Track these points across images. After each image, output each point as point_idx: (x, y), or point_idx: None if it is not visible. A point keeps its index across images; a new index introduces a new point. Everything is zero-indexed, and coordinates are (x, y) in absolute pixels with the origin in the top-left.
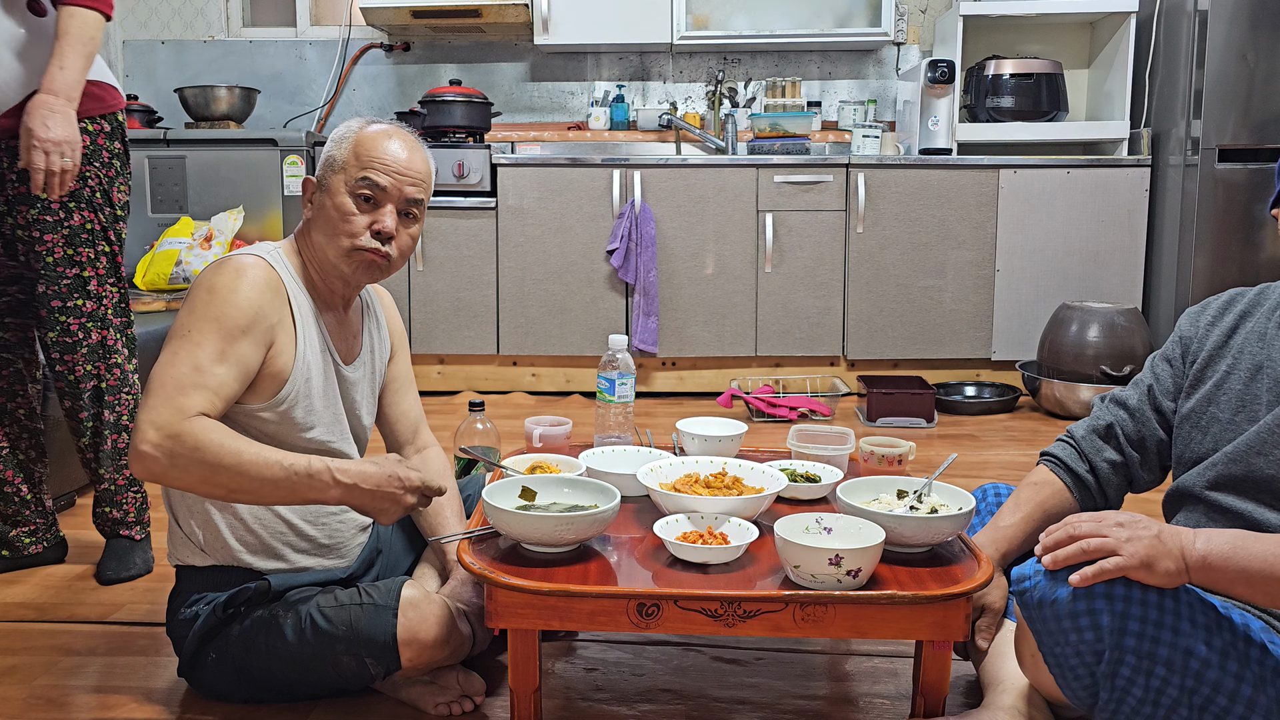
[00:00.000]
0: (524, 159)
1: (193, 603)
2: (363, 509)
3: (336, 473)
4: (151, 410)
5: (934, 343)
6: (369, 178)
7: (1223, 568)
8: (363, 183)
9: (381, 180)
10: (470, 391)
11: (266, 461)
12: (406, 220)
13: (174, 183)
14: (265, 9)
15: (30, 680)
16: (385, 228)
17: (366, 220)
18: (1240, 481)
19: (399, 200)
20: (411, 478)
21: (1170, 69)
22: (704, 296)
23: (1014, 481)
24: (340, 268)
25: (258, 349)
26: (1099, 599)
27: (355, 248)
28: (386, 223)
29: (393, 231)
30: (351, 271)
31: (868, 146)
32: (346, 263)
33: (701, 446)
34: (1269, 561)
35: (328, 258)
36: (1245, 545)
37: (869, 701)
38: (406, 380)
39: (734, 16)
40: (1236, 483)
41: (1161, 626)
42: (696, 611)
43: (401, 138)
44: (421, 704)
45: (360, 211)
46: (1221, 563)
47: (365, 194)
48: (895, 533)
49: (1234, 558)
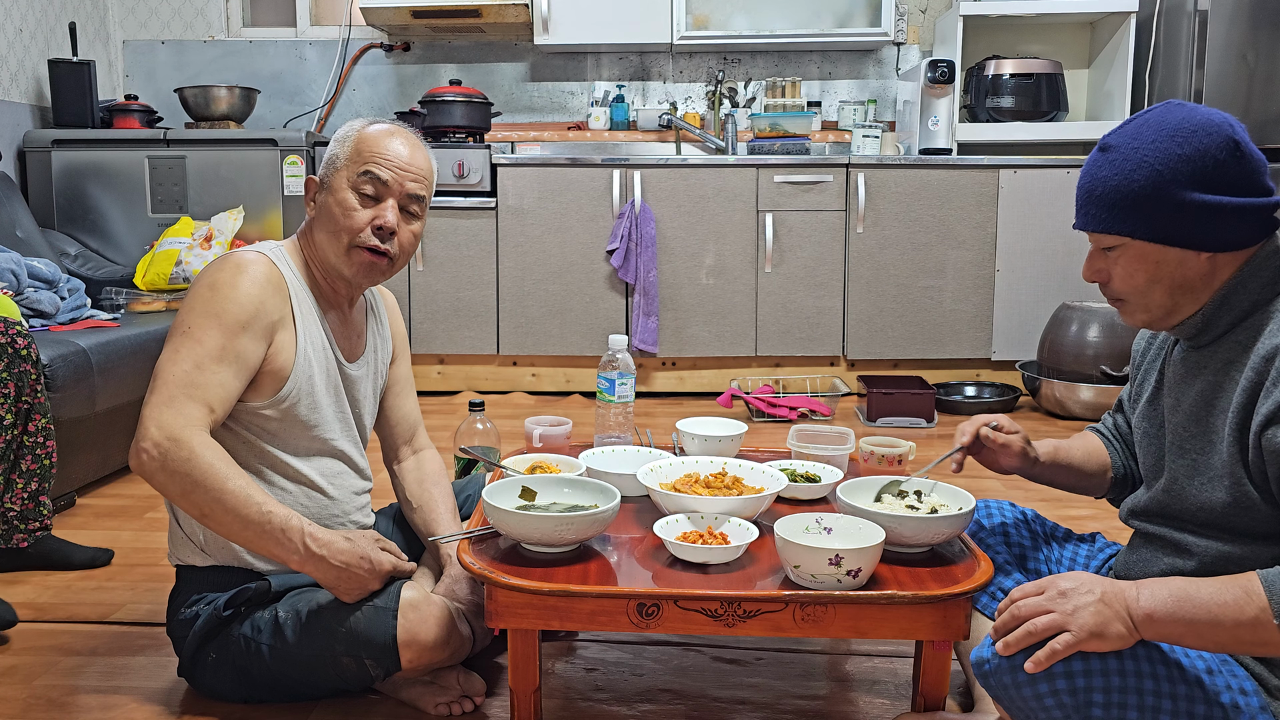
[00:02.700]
0: (524, 159)
1: (193, 603)
2: (323, 582)
3: (309, 538)
4: (155, 409)
5: (934, 343)
6: (370, 171)
7: (1167, 621)
8: (364, 177)
9: (383, 174)
10: (470, 391)
11: (247, 499)
12: (408, 217)
13: (174, 183)
14: (265, 9)
15: (30, 680)
16: (386, 222)
17: (368, 215)
18: (1162, 508)
19: (400, 195)
20: (383, 562)
21: (1170, 69)
22: (704, 296)
23: (1013, 486)
24: (341, 269)
25: (259, 345)
26: (1059, 679)
27: (355, 245)
28: (388, 217)
29: (394, 226)
30: (352, 274)
31: (868, 146)
32: (347, 264)
33: (701, 446)
34: (1212, 612)
35: (329, 258)
36: (1188, 596)
37: (869, 701)
38: (407, 383)
39: (734, 16)
40: (1160, 508)
41: (1126, 691)
42: (696, 611)
43: (403, 136)
44: (421, 704)
45: (362, 206)
46: (1166, 616)
47: (367, 188)
48: (895, 533)
49: (1179, 612)
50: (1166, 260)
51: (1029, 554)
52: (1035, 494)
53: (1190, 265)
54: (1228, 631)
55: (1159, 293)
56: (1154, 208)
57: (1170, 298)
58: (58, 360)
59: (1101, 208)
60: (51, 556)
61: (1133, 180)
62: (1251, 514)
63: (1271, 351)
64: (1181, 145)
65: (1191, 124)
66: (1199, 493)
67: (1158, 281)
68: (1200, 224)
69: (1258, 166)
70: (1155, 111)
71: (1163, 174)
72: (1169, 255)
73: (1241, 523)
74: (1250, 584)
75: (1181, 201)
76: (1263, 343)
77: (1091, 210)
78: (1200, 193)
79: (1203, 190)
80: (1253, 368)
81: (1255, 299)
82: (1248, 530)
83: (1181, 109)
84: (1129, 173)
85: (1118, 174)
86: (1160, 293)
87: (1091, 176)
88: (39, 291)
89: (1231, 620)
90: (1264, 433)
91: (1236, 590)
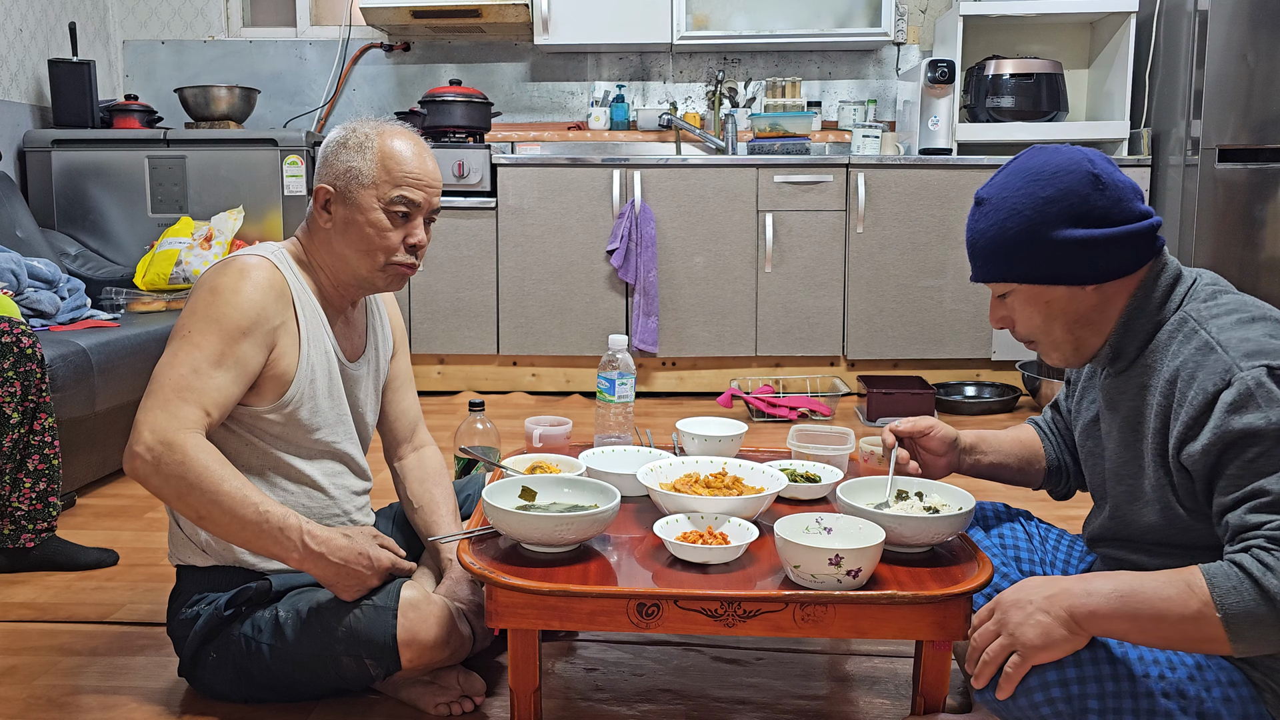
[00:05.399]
0: (524, 159)
1: (193, 603)
2: (323, 580)
3: (307, 536)
4: (149, 412)
5: (934, 343)
6: (406, 196)
7: (1111, 617)
8: (399, 201)
9: (416, 197)
10: (470, 391)
11: (244, 499)
12: (428, 227)
13: (174, 183)
14: (265, 9)
15: (30, 680)
16: (422, 241)
17: (401, 235)
18: (1113, 534)
19: (428, 211)
20: (382, 559)
21: (1170, 69)
22: (704, 296)
23: (1012, 490)
24: (374, 282)
25: (259, 351)
26: (1053, 687)
27: (391, 263)
28: (422, 236)
29: (426, 243)
30: (384, 284)
31: (868, 146)
32: (381, 278)
33: (701, 446)
34: (1156, 607)
35: (358, 272)
36: (1132, 591)
37: (869, 701)
38: (406, 378)
39: (734, 16)
40: (1111, 533)
41: (1121, 696)
42: (696, 611)
43: (420, 146)
44: (421, 704)
45: (395, 227)
46: (1110, 613)
47: (402, 211)
48: (895, 533)
49: (1123, 608)
50: (1055, 299)
51: (1023, 555)
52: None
53: (1079, 300)
54: (1173, 626)
55: (1058, 330)
56: (1031, 251)
57: (1070, 333)
58: (58, 360)
59: (985, 259)
60: (57, 558)
61: (1006, 229)
62: (1189, 533)
63: (1173, 375)
64: (1044, 188)
65: (1051, 166)
66: (1140, 516)
67: (1054, 319)
68: (1078, 259)
69: (1123, 194)
70: (1019, 159)
71: (1032, 218)
72: (1056, 294)
73: (1183, 540)
74: (1193, 578)
75: (1056, 241)
76: (1166, 365)
77: (978, 262)
78: (1071, 229)
79: (1073, 226)
80: (1161, 392)
81: (1156, 319)
82: (1193, 545)
83: (1042, 153)
84: (1002, 222)
85: (993, 225)
86: (1060, 330)
87: (971, 230)
88: (39, 291)
89: (1176, 615)
90: (1180, 454)
91: (1180, 584)
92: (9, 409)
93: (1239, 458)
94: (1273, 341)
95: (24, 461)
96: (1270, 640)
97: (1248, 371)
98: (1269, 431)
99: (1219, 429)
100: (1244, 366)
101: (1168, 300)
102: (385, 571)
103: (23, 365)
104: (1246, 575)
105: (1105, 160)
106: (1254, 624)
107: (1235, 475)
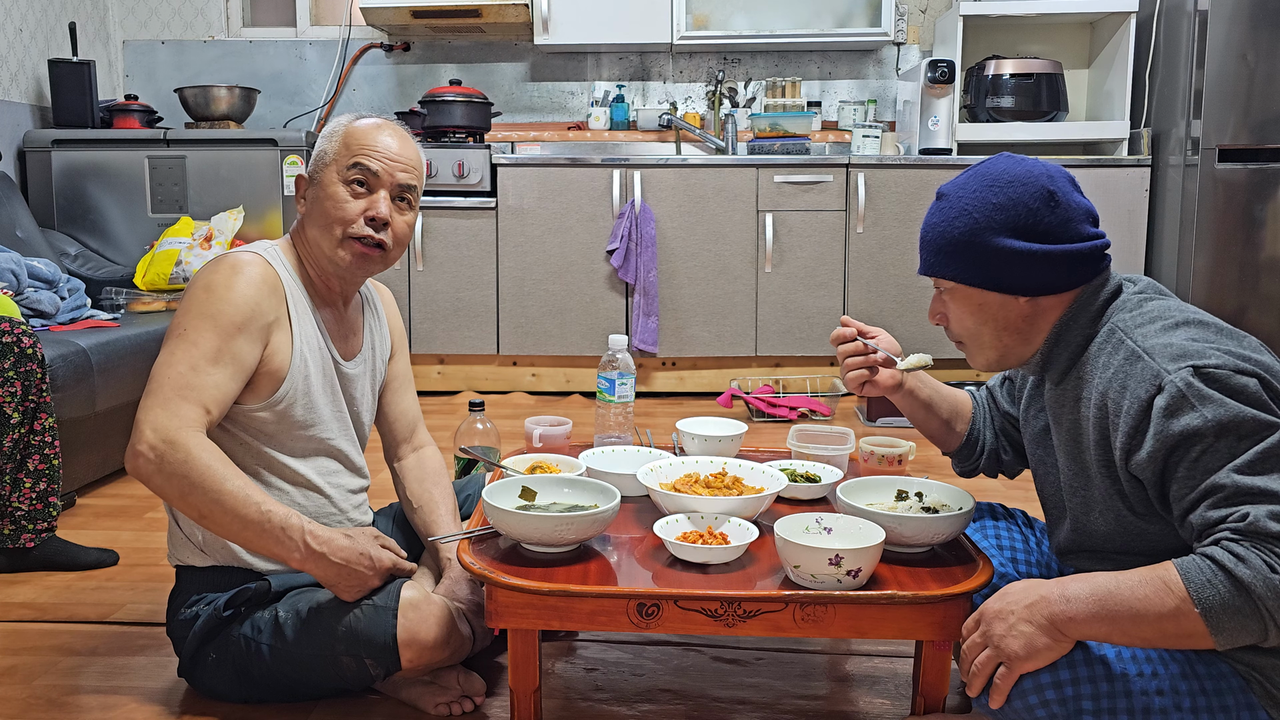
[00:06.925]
0: (524, 159)
1: (193, 603)
2: (324, 580)
3: (309, 536)
4: (150, 411)
5: (934, 343)
6: (360, 163)
7: (1090, 621)
8: (354, 169)
9: (372, 165)
10: (470, 391)
11: (246, 499)
12: (400, 207)
13: (174, 183)
14: (265, 9)
15: (30, 680)
16: (379, 212)
17: (360, 207)
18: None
19: (391, 186)
20: (383, 559)
21: (1170, 69)
22: (704, 296)
23: (1012, 486)
24: (336, 261)
25: (254, 346)
26: (1047, 689)
27: (349, 235)
28: (380, 208)
29: (386, 217)
30: (347, 265)
31: (868, 146)
32: (341, 257)
33: (701, 446)
34: (1134, 607)
35: (323, 251)
36: (1109, 593)
37: (869, 701)
38: (406, 379)
39: (734, 16)
40: (1077, 546)
41: (1115, 696)
42: (696, 611)
43: (391, 128)
44: (421, 704)
45: (353, 198)
46: (1089, 617)
47: (358, 179)
48: (895, 533)
49: (1101, 611)
50: (989, 304)
51: (1019, 555)
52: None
53: (1011, 308)
54: (1152, 625)
55: (987, 334)
56: (971, 253)
57: (999, 339)
58: (58, 360)
59: (930, 252)
60: (57, 558)
61: (954, 227)
62: (1144, 538)
63: (1105, 386)
64: (997, 195)
65: (1010, 175)
66: (1096, 526)
67: (984, 324)
68: (1014, 269)
69: (1074, 215)
70: (986, 163)
71: (978, 221)
72: (990, 299)
73: (1141, 546)
74: (1168, 574)
75: (995, 248)
76: (1098, 376)
77: (924, 255)
78: (1012, 239)
79: (1014, 237)
80: (1095, 404)
81: (1086, 334)
82: (1152, 550)
83: (1008, 160)
84: (952, 219)
85: (944, 220)
86: (988, 334)
87: (926, 223)
88: (39, 291)
89: (1154, 613)
90: (1129, 465)
91: (1155, 582)
92: (9, 409)
93: (1184, 459)
94: (1195, 344)
95: (24, 461)
96: (1251, 630)
97: (1175, 374)
98: (1207, 429)
99: (1159, 435)
100: (1171, 370)
101: (1101, 314)
102: (386, 572)
103: (23, 365)
104: (1219, 567)
105: (1068, 180)
106: (1231, 615)
107: (1185, 477)
